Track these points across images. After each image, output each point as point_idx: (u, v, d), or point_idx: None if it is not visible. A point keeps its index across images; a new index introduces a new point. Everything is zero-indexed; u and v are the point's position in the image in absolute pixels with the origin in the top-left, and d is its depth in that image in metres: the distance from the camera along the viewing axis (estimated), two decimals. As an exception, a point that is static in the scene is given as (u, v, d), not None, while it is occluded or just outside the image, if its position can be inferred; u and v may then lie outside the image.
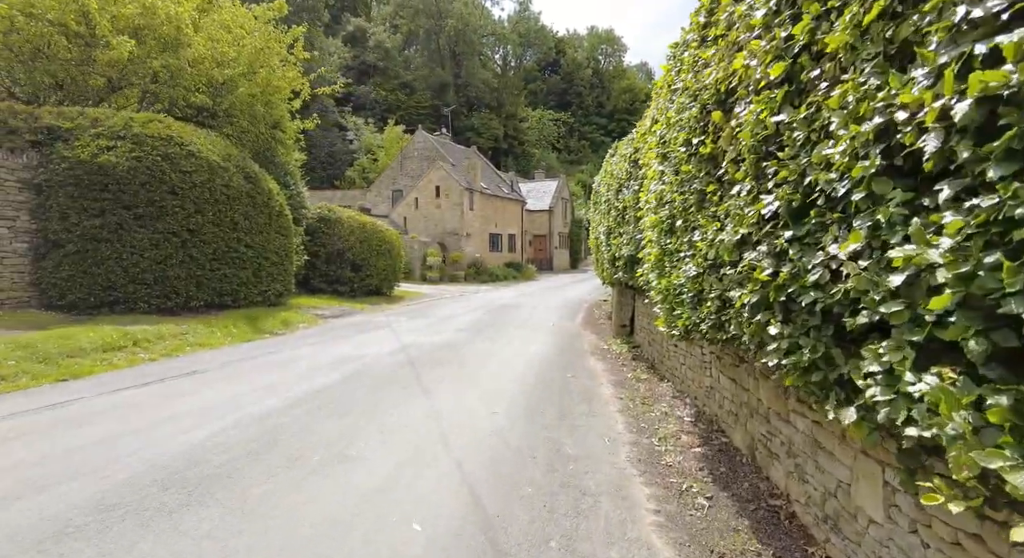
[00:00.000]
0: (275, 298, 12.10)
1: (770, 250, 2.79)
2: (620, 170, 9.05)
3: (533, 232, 42.43)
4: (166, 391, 5.76)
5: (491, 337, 10.12)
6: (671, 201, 4.73)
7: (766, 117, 2.83)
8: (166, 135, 9.76)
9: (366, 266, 16.33)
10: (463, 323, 11.97)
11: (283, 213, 12.22)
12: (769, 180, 2.83)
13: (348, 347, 8.66)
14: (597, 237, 11.77)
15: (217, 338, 8.82)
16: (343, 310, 13.30)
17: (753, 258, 2.96)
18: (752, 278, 2.95)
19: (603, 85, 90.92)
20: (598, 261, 12.84)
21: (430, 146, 35.18)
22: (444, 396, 5.85)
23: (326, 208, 15.88)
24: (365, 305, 14.85)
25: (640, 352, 9.24)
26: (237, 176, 10.98)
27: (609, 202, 9.87)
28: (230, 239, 10.73)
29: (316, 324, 11.27)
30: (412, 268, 27.57)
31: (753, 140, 3.01)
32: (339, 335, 9.91)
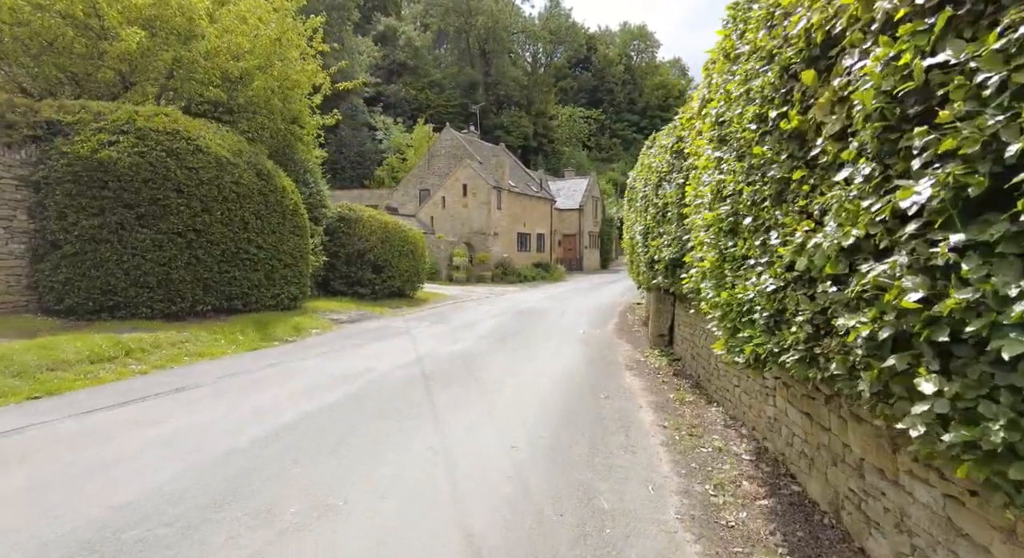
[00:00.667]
0: (289, 302, 11.50)
1: (917, 262, 1.85)
2: (660, 163, 8.08)
3: (562, 232, 41.41)
4: (141, 414, 5.08)
5: (515, 347, 9.26)
6: (734, 194, 3.78)
7: (910, 61, 1.88)
8: (172, 129, 9.20)
9: (388, 267, 15.68)
10: (486, 329, 11.14)
11: (298, 212, 11.61)
12: (914, 157, 1.89)
13: (358, 358, 7.92)
14: (632, 237, 10.78)
15: (220, 347, 8.19)
16: (361, 314, 12.63)
17: (881, 273, 2.02)
18: (880, 302, 2.01)
19: (635, 82, 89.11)
20: (632, 263, 11.84)
21: (457, 144, 34.54)
22: (456, 426, 5.00)
23: (346, 207, 15.28)
24: (385, 308, 14.17)
25: (682, 367, 8.24)
26: (248, 172, 10.39)
27: (647, 199, 8.90)
28: (240, 239, 10.14)
29: (330, 330, 10.60)
30: (438, 269, 26.95)
31: (879, 102, 2.07)
32: (352, 343, 9.20)
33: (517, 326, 11.86)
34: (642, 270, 9.68)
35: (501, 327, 11.61)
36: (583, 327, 12.17)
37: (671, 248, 7.14)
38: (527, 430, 4.99)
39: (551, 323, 12.60)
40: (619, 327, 12.47)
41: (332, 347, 8.81)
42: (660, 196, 7.91)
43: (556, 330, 11.51)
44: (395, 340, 9.61)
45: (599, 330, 11.72)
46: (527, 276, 30.63)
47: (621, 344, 10.17)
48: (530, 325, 12.10)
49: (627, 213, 12.49)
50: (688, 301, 8.00)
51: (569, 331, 11.47)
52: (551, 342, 9.97)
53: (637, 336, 11.23)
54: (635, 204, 10.67)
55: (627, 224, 12.33)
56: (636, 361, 8.70)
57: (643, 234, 9.07)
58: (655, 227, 8.19)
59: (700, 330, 7.36)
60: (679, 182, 6.77)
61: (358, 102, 54.77)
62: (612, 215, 49.57)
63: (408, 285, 16.83)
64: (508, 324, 12.15)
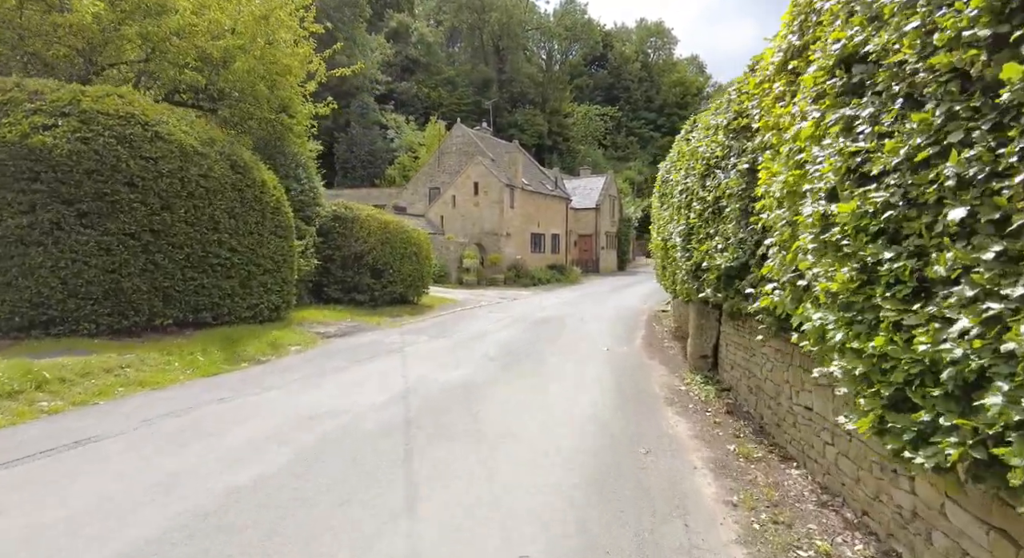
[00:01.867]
0: (270, 312, 10.08)
1: None
2: (709, 147, 6.48)
3: (578, 232, 39.76)
4: (5, 486, 3.64)
5: (526, 372, 7.71)
6: (904, 169, 2.21)
7: None
8: (125, 113, 7.82)
9: (388, 271, 14.23)
10: (493, 346, 9.61)
11: (281, 209, 10.19)
12: None
13: (332, 389, 6.43)
14: (667, 239, 9.18)
15: (170, 372, 6.77)
16: (354, 326, 11.17)
17: None
18: None
19: (652, 79, 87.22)
20: (665, 269, 10.24)
21: (469, 140, 33.08)
22: (440, 516, 3.46)
23: (343, 205, 13.86)
24: (383, 318, 12.71)
25: (735, 400, 6.64)
26: (220, 165, 8.98)
27: (689, 192, 7.30)
28: (209, 242, 8.74)
29: (313, 346, 9.14)
30: (448, 271, 25.51)
31: None
32: (332, 366, 7.72)
33: (530, 341, 10.32)
34: (680, 278, 8.09)
35: (511, 343, 10.07)
36: (606, 341, 10.59)
37: (728, 254, 5.55)
38: (543, 520, 3.44)
39: (569, 336, 11.04)
40: (647, 341, 10.86)
41: (307, 371, 7.34)
42: (710, 188, 6.32)
43: (575, 346, 9.95)
44: (385, 361, 8.12)
45: (626, 347, 10.12)
46: (541, 279, 29.07)
47: (653, 366, 8.58)
48: (545, 339, 10.54)
49: (657, 211, 10.89)
50: (743, 318, 6.41)
51: (590, 347, 9.90)
52: (570, 363, 8.41)
53: (670, 354, 9.63)
54: (670, 200, 9.07)
55: (657, 223, 10.73)
56: (676, 391, 7.11)
57: (685, 235, 7.47)
58: (702, 227, 6.59)
59: (762, 357, 5.76)
60: (742, 168, 5.18)
61: (369, 100, 53.61)
62: (630, 214, 47.80)
63: (411, 290, 15.38)
64: (519, 338, 10.61)
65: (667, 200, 9.37)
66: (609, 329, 12.41)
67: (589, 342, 10.47)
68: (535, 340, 10.46)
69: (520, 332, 11.46)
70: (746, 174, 5.12)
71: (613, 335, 11.50)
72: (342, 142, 52.51)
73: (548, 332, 11.55)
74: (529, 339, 10.55)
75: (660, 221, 9.90)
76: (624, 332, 12.08)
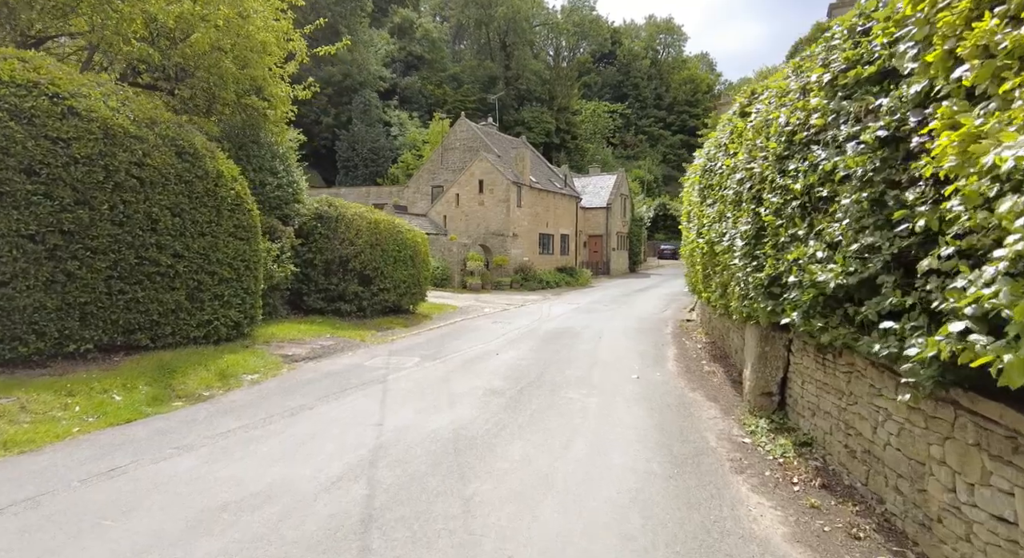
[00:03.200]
0: (229, 330, 8.37)
1: None
2: (793, 116, 4.70)
3: (588, 232, 37.92)
4: None
5: (538, 415, 5.92)
6: None
7: None
8: (25, 80, 6.13)
9: (379, 278, 12.50)
10: (497, 372, 7.83)
11: (242, 206, 8.47)
12: None
13: (273, 449, 4.67)
14: (713, 240, 7.37)
15: (62, 422, 5.05)
16: (332, 344, 9.44)
17: None
18: None
19: (661, 76, 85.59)
20: (706, 279, 8.44)
21: (474, 136, 31.32)
22: None
23: (326, 202, 12.13)
24: (370, 332, 10.98)
25: (822, 460, 4.85)
26: (163, 150, 7.28)
27: (758, 180, 5.51)
28: (144, 245, 7.04)
29: (274, 374, 7.41)
30: (450, 274, 23.79)
31: None
32: (287, 407, 5.98)
33: (541, 363, 8.54)
34: (738, 293, 6.29)
35: (518, 366, 8.30)
36: (632, 362, 8.81)
37: (837, 267, 3.76)
38: None
39: (587, 355, 9.25)
40: (682, 363, 9.07)
41: (251, 417, 5.59)
42: (797, 173, 4.53)
43: (596, 370, 8.16)
44: (357, 399, 6.35)
45: (658, 372, 8.32)
46: (550, 282, 27.28)
47: (699, 402, 6.78)
48: (559, 361, 8.77)
49: (696, 207, 9.08)
50: (836, 352, 4.63)
51: (615, 371, 8.11)
52: (594, 398, 6.63)
53: (714, 382, 7.83)
54: (717, 192, 7.28)
55: (697, 221, 8.93)
56: (739, 445, 5.32)
57: (750, 237, 5.67)
58: (784, 227, 4.80)
59: (874, 411, 3.99)
60: (870, 138, 3.39)
61: (371, 96, 51.99)
62: (641, 214, 45.95)
63: (406, 298, 13.64)
64: (528, 360, 8.83)
65: (713, 193, 7.57)
66: (633, 345, 10.62)
67: (612, 364, 8.68)
68: (547, 362, 8.68)
69: (529, 350, 9.69)
70: (882, 146, 3.34)
71: (639, 354, 9.71)
72: (343, 140, 50.92)
73: (562, 350, 9.77)
74: (540, 360, 8.77)
75: (702, 219, 8.10)
76: (651, 349, 10.28)
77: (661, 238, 62.61)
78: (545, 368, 8.26)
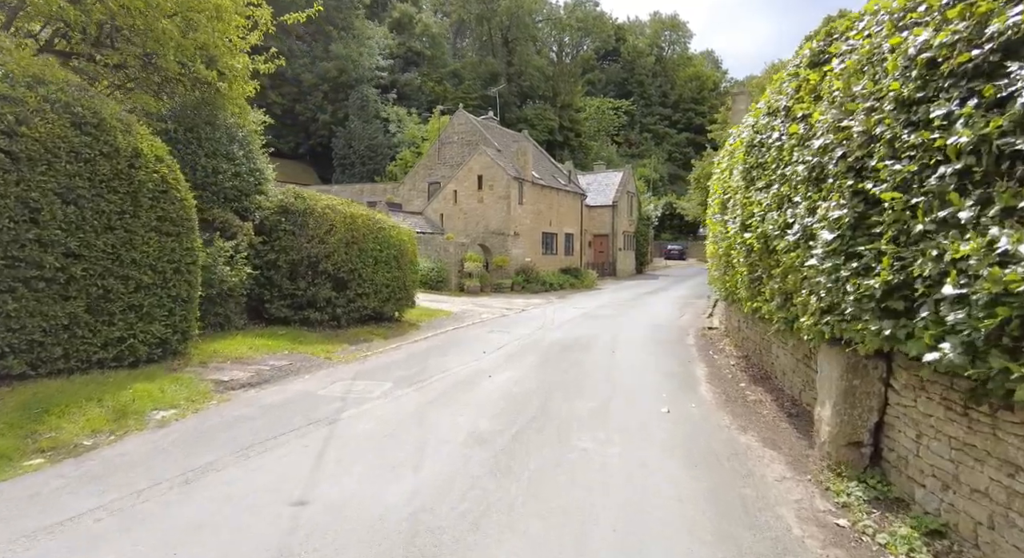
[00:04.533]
0: (152, 349, 6.66)
1: None
2: (946, 33, 2.95)
3: (593, 232, 36.15)
4: None
5: (536, 485, 4.13)
6: None
7: None
8: None
9: (356, 281, 10.78)
10: (485, 406, 6.08)
11: (170, 194, 6.77)
12: None
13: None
14: (766, 234, 5.62)
15: None
16: (287, 364, 7.71)
17: None
18: None
19: (667, 74, 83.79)
20: (753, 284, 6.68)
21: (472, 129, 29.60)
22: None
23: (292, 193, 10.42)
24: (340, 347, 9.26)
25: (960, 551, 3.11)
26: (48, 118, 5.59)
27: (857, 146, 3.76)
28: (18, 241, 5.34)
29: (195, 410, 5.68)
30: (447, 276, 22.08)
31: None
32: (184, 469, 4.24)
33: (543, 391, 6.80)
34: (817, 306, 4.53)
35: (514, 396, 6.56)
36: (657, 386, 7.06)
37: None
38: None
39: (601, 379, 7.51)
40: (716, 384, 7.31)
41: (128, 487, 3.87)
42: (948, 122, 2.79)
43: (614, 402, 6.42)
44: (288, 454, 4.60)
45: (692, 402, 6.55)
46: (553, 284, 25.52)
47: (755, 450, 5.03)
48: (566, 386, 7.03)
49: (732, 194, 7.31)
50: (977, 397, 2.92)
51: (638, 401, 6.37)
52: (614, 448, 4.87)
53: (765, 415, 6.08)
54: (774, 172, 5.54)
55: (733, 212, 7.16)
56: (835, 535, 3.57)
57: (844, 228, 3.92)
58: (919, 210, 3.05)
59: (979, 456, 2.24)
60: None
61: (369, 92, 50.29)
62: (648, 213, 44.16)
63: (390, 304, 11.92)
64: (527, 384, 7.09)
65: (766, 173, 5.82)
66: (654, 361, 8.87)
67: (633, 389, 6.93)
68: (551, 387, 6.94)
69: (529, 369, 7.95)
70: None
71: (663, 374, 7.96)
72: (340, 137, 49.25)
73: (569, 369, 8.03)
74: (542, 385, 7.03)
75: (749, 208, 6.34)
76: (676, 366, 8.54)
77: (667, 238, 60.91)
78: (548, 396, 6.51)
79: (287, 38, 49.52)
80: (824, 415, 4.81)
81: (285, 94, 49.11)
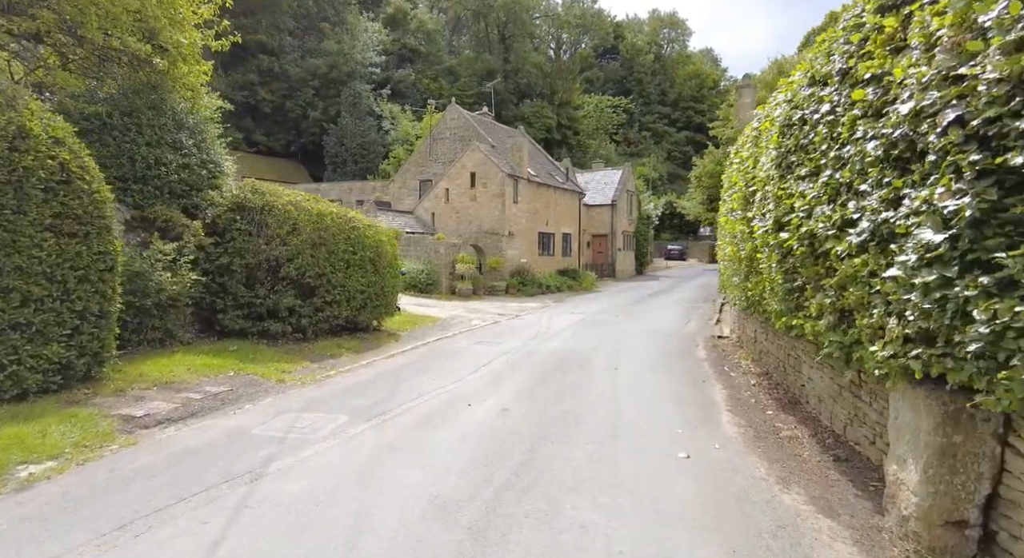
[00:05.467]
0: (48, 378, 5.40)
1: None
2: None
3: (591, 231, 34.91)
4: None
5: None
6: None
7: None
8: None
9: (324, 287, 9.53)
10: (458, 453, 4.79)
11: (74, 185, 5.51)
12: None
13: None
14: (814, 233, 4.36)
15: None
16: (226, 390, 6.44)
17: None
18: None
19: (666, 72, 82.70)
20: (790, 295, 5.43)
21: (466, 124, 28.33)
22: None
23: (249, 188, 9.15)
24: (299, 365, 8.00)
25: None
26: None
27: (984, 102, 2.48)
28: None
29: (82, 461, 4.39)
30: (436, 279, 20.83)
31: None
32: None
33: (532, 426, 5.55)
34: (898, 332, 3.29)
35: (496, 438, 5.29)
36: (671, 419, 5.82)
37: None
38: None
39: (602, 410, 6.26)
40: (740, 414, 6.07)
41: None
42: None
43: (620, 445, 5.16)
44: (172, 540, 3.35)
45: (715, 441, 5.29)
46: (550, 286, 24.29)
47: (808, 520, 3.77)
48: (560, 422, 5.78)
49: (761, 186, 6.06)
50: None
51: (648, 444, 5.12)
52: (620, 525, 3.58)
53: (807, 459, 4.84)
54: (823, 155, 4.30)
55: (762, 206, 5.91)
56: None
57: (962, 226, 2.68)
58: None
59: None
60: None
61: (362, 88, 48.96)
62: (649, 212, 42.96)
63: (366, 313, 10.66)
64: (513, 419, 5.84)
65: (811, 157, 4.57)
66: (664, 382, 7.63)
67: (642, 425, 5.68)
68: (542, 423, 5.68)
69: (517, 396, 6.70)
70: None
71: (676, 400, 6.72)
72: (332, 134, 47.91)
73: (565, 396, 6.79)
74: (531, 420, 5.78)
75: (786, 201, 5.10)
76: (690, 389, 7.30)
77: (667, 238, 59.79)
78: (538, 436, 5.26)
79: (277, 33, 48.29)
80: (907, 479, 3.57)
81: (275, 90, 47.82)
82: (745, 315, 10.25)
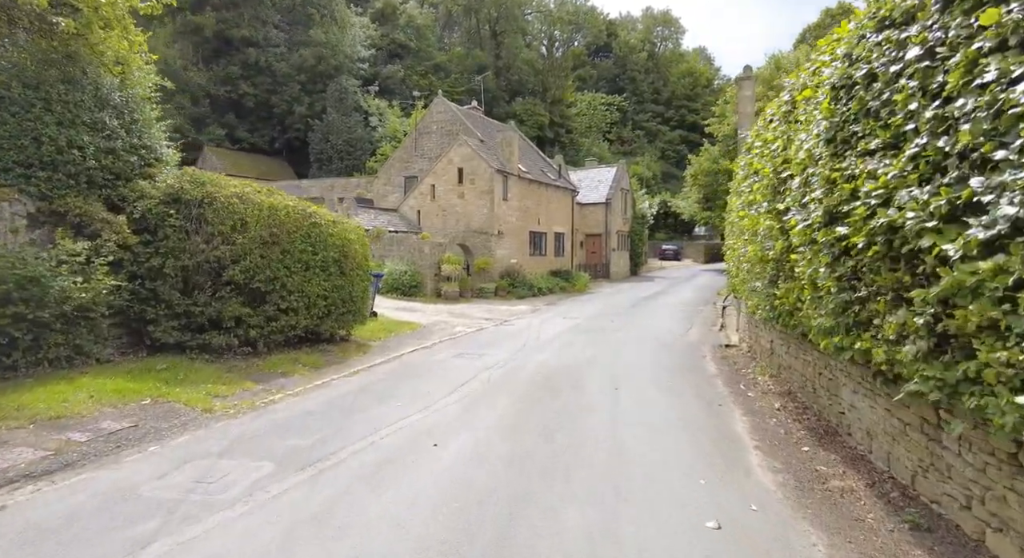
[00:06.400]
0: None
1: None
2: None
3: (585, 231, 33.70)
4: None
5: None
6: None
7: None
8: None
9: (278, 293, 8.22)
10: (413, 521, 3.50)
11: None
12: None
13: None
14: (893, 224, 3.11)
15: None
16: (129, 426, 5.13)
17: None
18: None
19: (659, 70, 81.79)
20: (842, 311, 4.19)
21: (453, 118, 27.01)
22: None
23: (187, 176, 7.82)
24: (238, 388, 6.70)
25: None
26: None
27: None
28: None
29: None
30: (422, 280, 19.54)
31: None
32: None
33: (512, 477, 4.29)
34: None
35: (461, 498, 4.03)
36: (689, 461, 4.58)
37: None
38: None
39: (601, 442, 5.01)
40: (775, 455, 4.84)
41: None
42: None
43: (625, 496, 3.93)
44: None
45: (751, 501, 4.04)
46: (542, 288, 23.03)
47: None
48: (547, 472, 4.51)
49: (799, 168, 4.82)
50: None
51: (662, 493, 3.87)
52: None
53: (874, 533, 3.61)
54: (895, 126, 3.05)
55: (802, 192, 4.68)
56: None
57: None
58: None
59: None
60: None
61: (349, 83, 47.47)
62: (644, 211, 41.83)
63: (330, 321, 9.35)
64: (489, 467, 4.57)
65: (883, 127, 3.35)
66: (674, 407, 6.40)
67: (652, 473, 4.43)
68: (524, 475, 4.42)
69: (496, 432, 5.43)
70: None
71: (692, 433, 5.48)
72: (317, 131, 46.36)
73: (554, 430, 5.53)
74: (511, 467, 4.52)
75: (840, 185, 3.87)
76: (706, 418, 6.06)
77: (662, 237, 58.80)
78: (519, 501, 3.98)
79: (262, 27, 46.73)
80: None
81: (259, 85, 46.25)
82: (759, 322, 9.07)
